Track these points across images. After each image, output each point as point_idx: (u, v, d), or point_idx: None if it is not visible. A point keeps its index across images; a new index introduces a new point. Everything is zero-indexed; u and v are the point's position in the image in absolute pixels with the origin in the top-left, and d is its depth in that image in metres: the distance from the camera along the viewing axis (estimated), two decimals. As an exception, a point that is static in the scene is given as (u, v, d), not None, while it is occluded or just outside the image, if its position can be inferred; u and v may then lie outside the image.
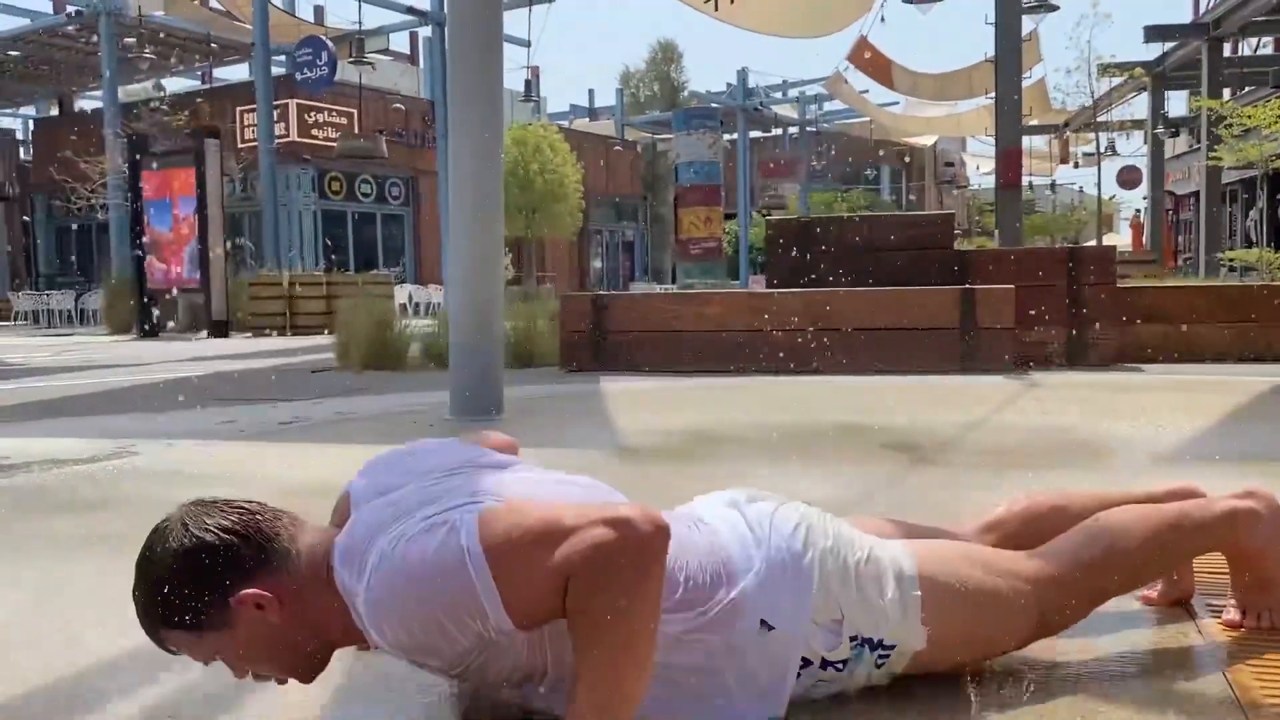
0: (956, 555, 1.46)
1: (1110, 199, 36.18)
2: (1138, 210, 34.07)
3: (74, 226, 28.06)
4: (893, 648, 1.36)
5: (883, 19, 17.42)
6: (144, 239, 16.36)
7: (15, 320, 24.43)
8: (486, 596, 1.15)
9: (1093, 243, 24.35)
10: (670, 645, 1.25)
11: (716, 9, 13.09)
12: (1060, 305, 6.67)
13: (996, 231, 12.25)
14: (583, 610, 1.14)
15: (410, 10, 22.49)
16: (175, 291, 16.26)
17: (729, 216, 26.68)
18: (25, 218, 29.19)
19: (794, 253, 7.36)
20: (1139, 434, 3.75)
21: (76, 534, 2.46)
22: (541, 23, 34.84)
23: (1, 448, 3.87)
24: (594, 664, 1.15)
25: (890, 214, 17.09)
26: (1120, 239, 36.73)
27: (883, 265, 7.00)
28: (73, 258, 28.08)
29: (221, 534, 1.29)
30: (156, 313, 16.46)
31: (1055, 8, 16.57)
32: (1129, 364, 6.51)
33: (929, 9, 16.04)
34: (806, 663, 1.33)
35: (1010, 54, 11.63)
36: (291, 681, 1.34)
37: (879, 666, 1.37)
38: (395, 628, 1.19)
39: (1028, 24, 16.35)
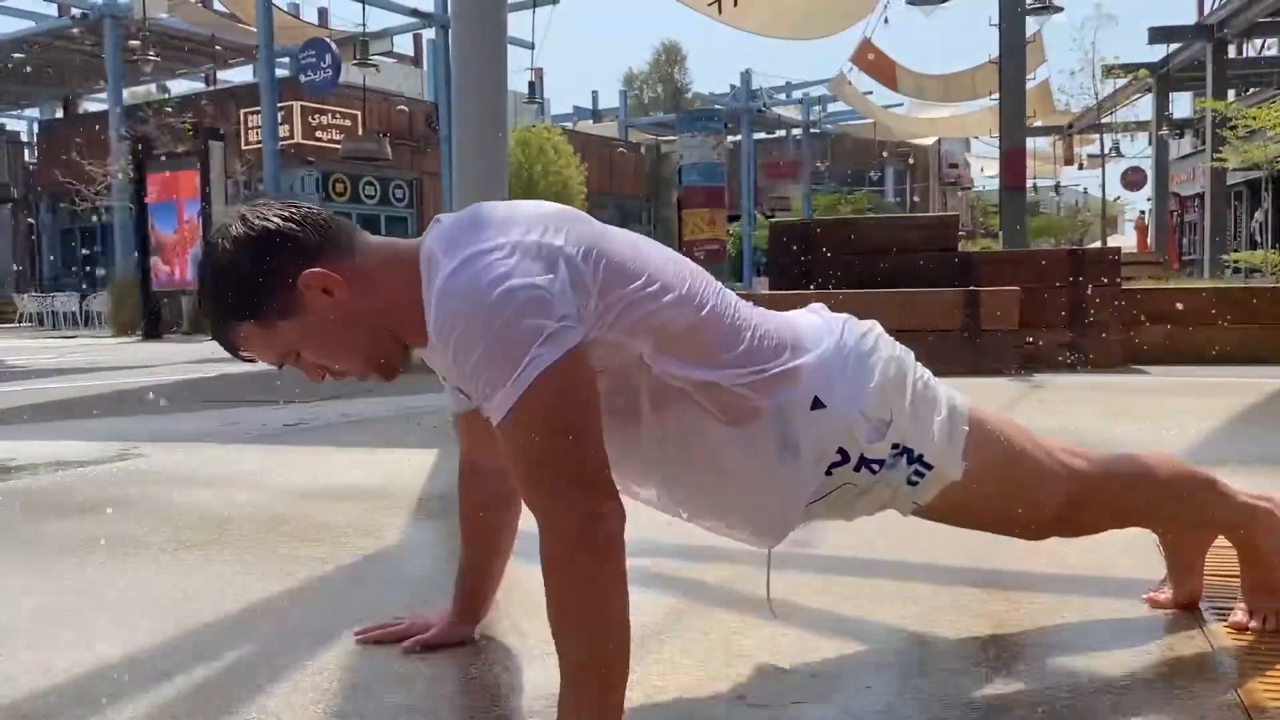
0: (1008, 420, 1.52)
1: (1115, 200, 36.13)
2: (1142, 212, 34.01)
3: (79, 229, 28.10)
4: (930, 467, 1.40)
5: (886, 20, 17.41)
6: (149, 241, 16.39)
7: (20, 322, 24.49)
8: (506, 397, 1.16)
9: (1097, 244, 24.33)
10: (725, 397, 1.30)
11: (720, 11, 13.09)
12: (1065, 307, 6.66)
13: (1000, 233, 12.24)
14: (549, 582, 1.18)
15: (414, 12, 22.51)
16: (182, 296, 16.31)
17: (732, 218, 26.68)
18: (30, 220, 29.24)
19: (797, 255, 7.36)
20: (1146, 436, 3.74)
21: (82, 536, 2.47)
22: (545, 24, 34.80)
23: (7, 450, 3.88)
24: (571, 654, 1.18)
25: (894, 215, 17.08)
26: (1125, 240, 36.65)
27: (887, 267, 7.00)
28: (77, 260, 28.12)
29: (281, 221, 1.29)
30: (160, 315, 16.49)
31: (1059, 9, 16.55)
32: (1134, 366, 6.50)
33: (932, 11, 16.04)
34: (844, 456, 1.36)
35: (1014, 56, 11.63)
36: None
37: (911, 484, 1.40)
38: (449, 323, 1.18)
39: (1031, 25, 16.34)
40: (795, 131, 36.88)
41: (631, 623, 1.18)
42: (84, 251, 28.02)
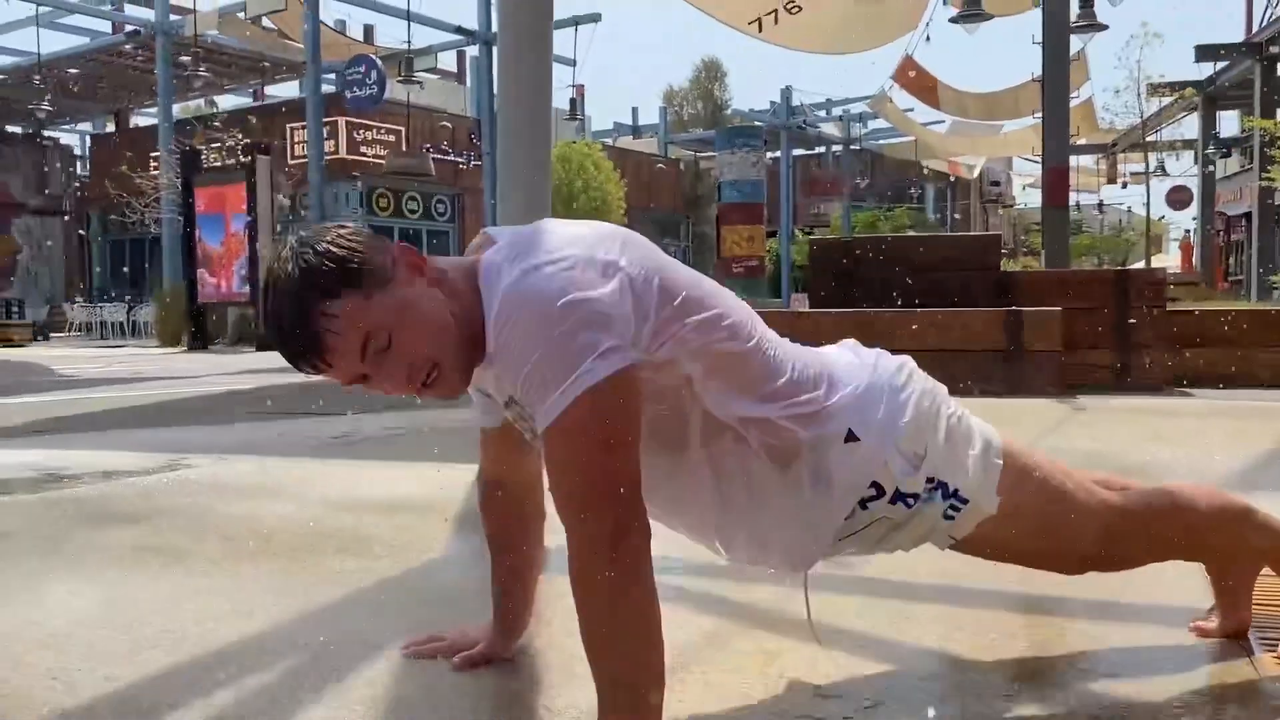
0: (1043, 454, 1.52)
1: (1159, 220, 35.70)
2: (1187, 231, 33.57)
3: (127, 241, 28.62)
4: (966, 502, 1.40)
5: (928, 38, 17.34)
6: (196, 253, 16.66)
7: (70, 331, 24.96)
8: (557, 401, 1.18)
9: (1141, 264, 24.02)
10: (767, 429, 1.33)
11: (760, 29, 13.13)
12: (1108, 328, 6.59)
13: (1043, 252, 12.13)
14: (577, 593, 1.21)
15: (459, 30, 22.76)
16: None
17: (770, 234, 26.65)
18: (81, 232, 29.83)
19: (838, 273, 7.34)
20: (1190, 461, 3.69)
21: (133, 545, 2.52)
22: (587, 42, 35.03)
23: (58, 459, 3.96)
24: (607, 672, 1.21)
25: (935, 234, 16.98)
26: (1169, 260, 36.17)
27: (927, 286, 6.95)
28: (126, 271, 28.62)
29: (351, 225, 1.33)
30: (206, 326, 16.75)
31: (1104, 27, 16.40)
32: (1179, 389, 6.41)
33: (975, 28, 15.95)
34: (879, 490, 1.37)
35: (1057, 74, 11.54)
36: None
37: (947, 519, 1.41)
38: (509, 327, 1.21)
39: (1075, 43, 16.21)
40: (835, 148, 36.80)
41: (672, 641, 1.20)
42: (132, 263, 28.54)
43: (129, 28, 23.36)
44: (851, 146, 36.08)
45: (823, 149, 37.85)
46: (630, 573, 1.18)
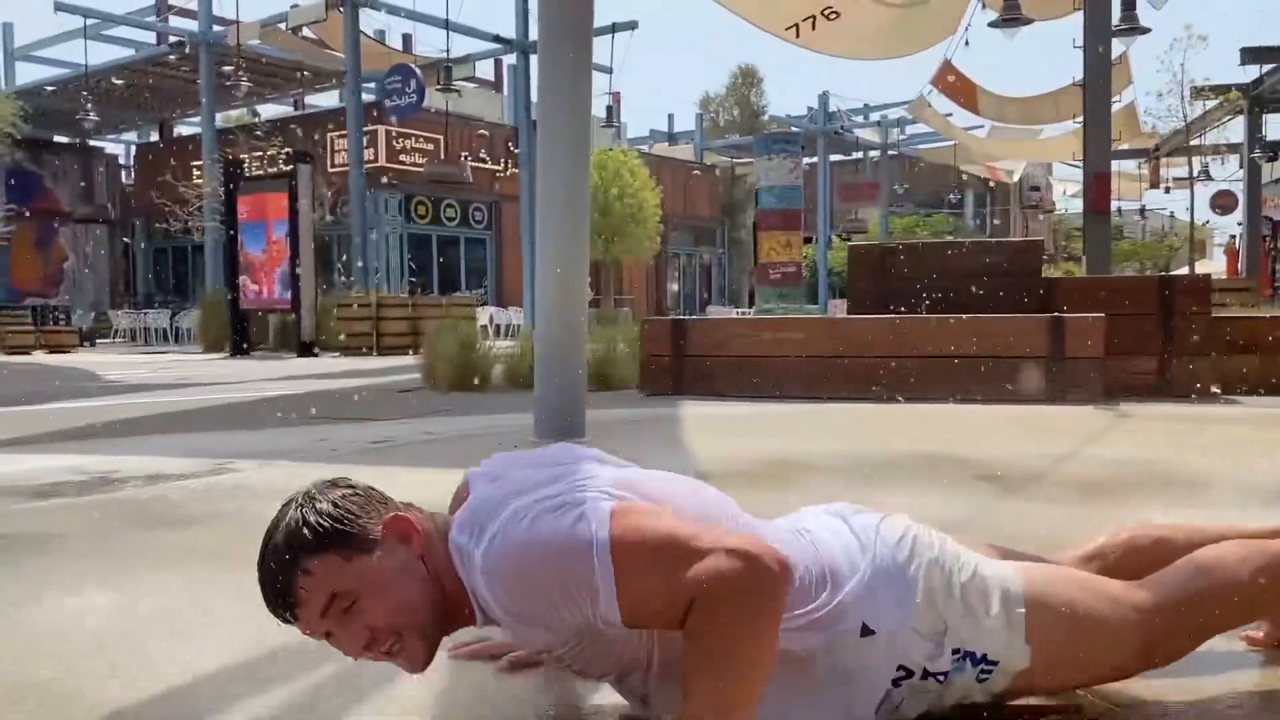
0: (1063, 578, 1.45)
1: (1204, 225, 35.18)
2: (1233, 236, 33.04)
3: (171, 248, 29.08)
4: (995, 664, 1.36)
5: (967, 42, 17.19)
6: (238, 260, 16.88)
7: (115, 337, 25.37)
8: (603, 588, 1.18)
9: (1185, 270, 23.68)
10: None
11: (798, 35, 13.09)
12: (1152, 335, 6.51)
13: (1084, 258, 11.98)
14: (701, 636, 1.17)
15: (497, 38, 22.92)
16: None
17: (807, 240, 26.56)
18: (126, 239, 30.34)
19: (876, 278, 7.31)
20: (1235, 470, 3.64)
21: (181, 547, 2.56)
22: (624, 49, 35.12)
23: (107, 463, 4.03)
24: (703, 693, 1.17)
25: (975, 239, 16.79)
26: (1214, 266, 35.61)
27: (968, 292, 6.91)
28: (169, 278, 29.07)
29: (358, 486, 1.38)
30: (247, 332, 16.96)
31: (1146, 30, 16.20)
32: (1224, 396, 6.32)
33: (1014, 33, 15.82)
34: (907, 673, 1.34)
35: (1099, 78, 11.42)
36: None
37: (980, 681, 1.37)
38: (508, 593, 1.22)
39: (1117, 47, 16.02)
40: (873, 153, 36.63)
41: None
42: (175, 270, 28.99)
43: (173, 39, 23.76)
44: (889, 152, 35.88)
45: (860, 154, 37.68)
46: (770, 596, 1.18)
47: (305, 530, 1.29)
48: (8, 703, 1.54)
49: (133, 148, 32.60)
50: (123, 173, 32.07)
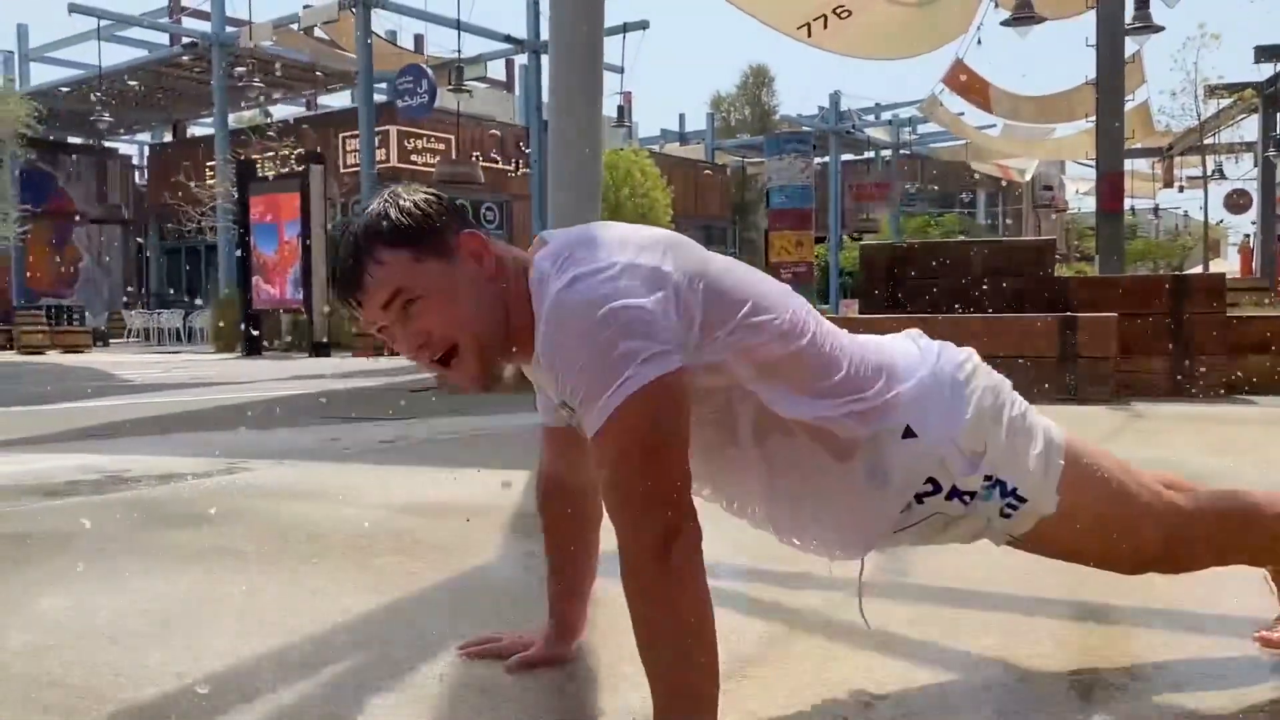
0: (1106, 453, 1.49)
1: (1218, 224, 34.98)
2: (1247, 235, 32.86)
3: (184, 248, 29.19)
4: (1024, 501, 1.39)
5: (979, 41, 17.15)
6: (250, 260, 16.94)
7: (128, 337, 25.51)
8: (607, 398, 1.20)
9: (1198, 269, 23.56)
10: (823, 426, 1.33)
11: (809, 35, 13.08)
12: (1165, 334, 6.48)
13: (1097, 257, 11.93)
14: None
15: (508, 39, 22.93)
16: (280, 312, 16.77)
17: (819, 240, 26.50)
18: (139, 240, 30.48)
19: (888, 278, 7.29)
20: (1250, 470, 3.62)
21: (194, 546, 2.57)
22: (635, 49, 35.12)
23: (120, 462, 4.06)
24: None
25: (987, 239, 16.76)
26: (1228, 265, 35.41)
27: (979, 291, 6.90)
28: (182, 278, 29.18)
29: (444, 197, 1.39)
30: (260, 332, 17.03)
31: (1160, 29, 16.12)
32: (1238, 396, 6.29)
33: (1027, 31, 15.76)
34: (936, 486, 1.36)
35: (1112, 77, 11.37)
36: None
37: (1004, 516, 1.39)
38: (563, 341, 1.23)
39: (1130, 46, 15.95)
40: (884, 153, 36.54)
41: (725, 645, 1.21)
42: (188, 270, 29.10)
43: (186, 40, 23.85)
44: (901, 151, 35.79)
45: (872, 154, 37.60)
46: (683, 574, 1.19)
47: (384, 222, 1.32)
48: (23, 700, 1.55)
49: (146, 148, 32.75)
50: (136, 173, 32.22)
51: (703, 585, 1.20)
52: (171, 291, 29.52)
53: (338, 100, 30.43)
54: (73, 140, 29.68)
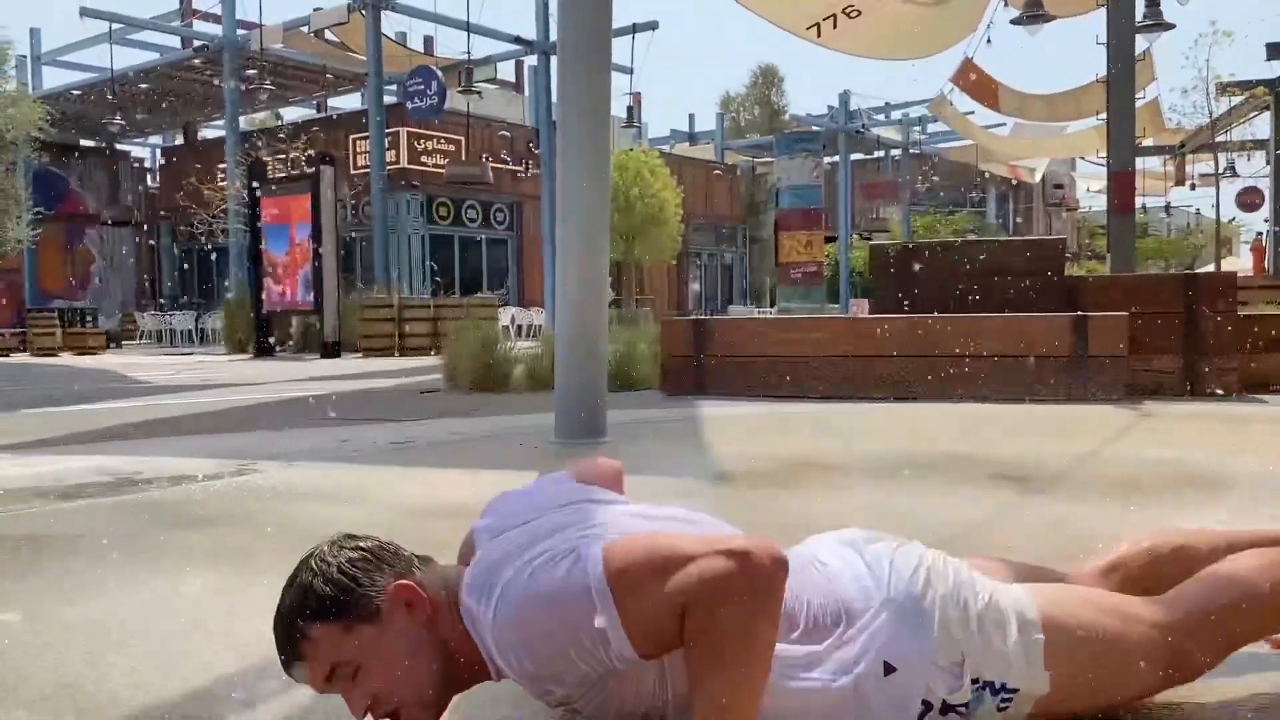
0: (1079, 600, 1.43)
1: (1229, 222, 34.81)
2: (1259, 234, 32.68)
3: (195, 250, 29.30)
4: (1015, 691, 1.34)
5: (988, 40, 17.11)
6: (261, 262, 17.00)
7: (140, 339, 25.62)
8: (610, 625, 1.19)
9: (1210, 267, 23.45)
10: (789, 684, 1.28)
11: (819, 35, 13.06)
12: (1177, 333, 6.45)
13: (1108, 256, 11.88)
14: (699, 637, 1.17)
15: (517, 40, 22.97)
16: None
17: (829, 240, 26.47)
18: (151, 242, 30.60)
19: (899, 278, 7.28)
20: (1262, 470, 3.61)
21: (206, 547, 2.58)
22: (644, 49, 35.15)
23: (131, 464, 4.07)
24: (709, 692, 1.17)
25: (998, 238, 16.73)
26: (1240, 263, 35.24)
27: (990, 291, 6.88)
28: (194, 280, 29.30)
29: (370, 547, 1.38)
30: (272, 334, 17.09)
31: (1170, 26, 16.06)
32: (1250, 395, 6.26)
33: (1037, 30, 15.71)
34: (927, 706, 1.33)
35: (1123, 75, 11.32)
36: None
37: (1001, 710, 1.36)
38: (520, 653, 1.24)
39: (1141, 43, 15.89)
40: (894, 152, 36.49)
41: None
42: (200, 272, 29.21)
43: (197, 43, 23.94)
44: (911, 150, 35.74)
45: (881, 153, 37.54)
46: (765, 594, 1.18)
47: (310, 598, 1.32)
48: (38, 701, 1.56)
49: (158, 151, 32.89)
50: (148, 176, 32.35)
51: (777, 609, 1.21)
52: (183, 293, 29.65)
53: (348, 102, 30.50)
54: (85, 143, 29.80)
